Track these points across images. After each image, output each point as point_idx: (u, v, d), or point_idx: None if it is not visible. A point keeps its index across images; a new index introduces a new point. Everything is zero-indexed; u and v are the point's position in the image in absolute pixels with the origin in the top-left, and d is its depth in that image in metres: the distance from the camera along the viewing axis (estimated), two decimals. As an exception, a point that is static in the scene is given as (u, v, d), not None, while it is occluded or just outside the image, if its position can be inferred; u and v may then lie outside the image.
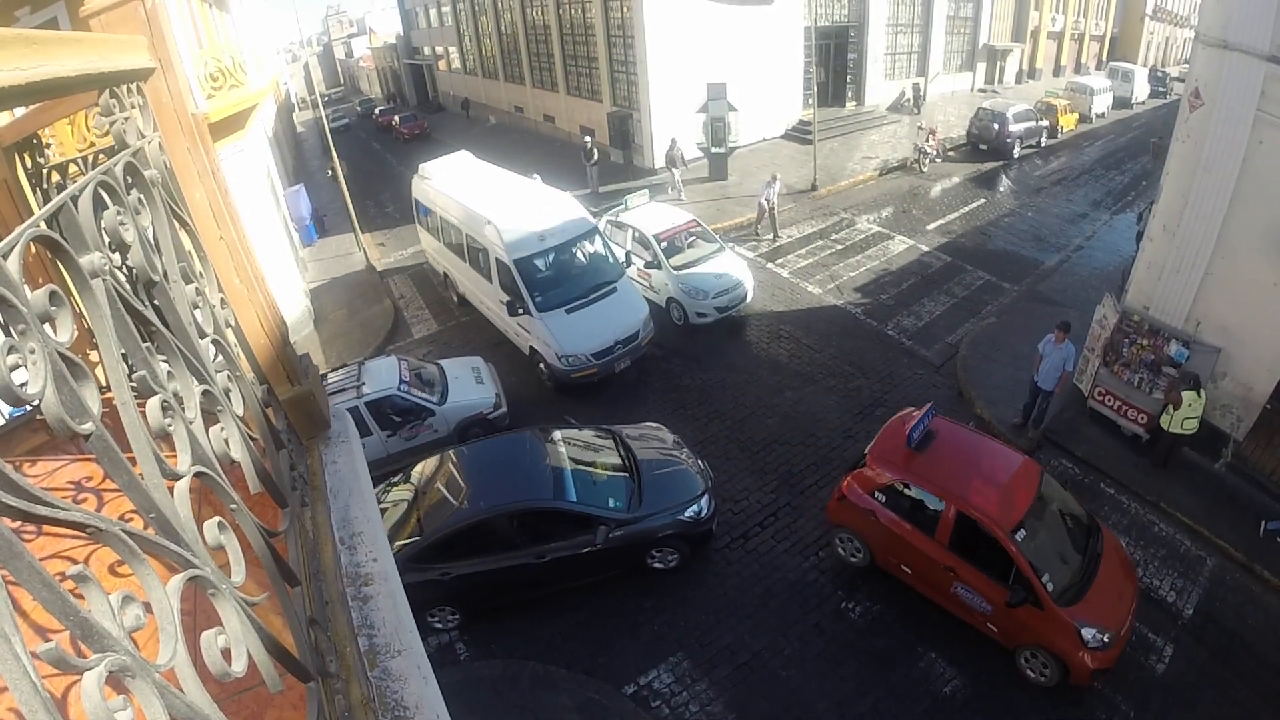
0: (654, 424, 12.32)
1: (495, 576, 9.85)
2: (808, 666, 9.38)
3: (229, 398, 2.30)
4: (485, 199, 16.72)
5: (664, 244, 17.54)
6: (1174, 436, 11.46)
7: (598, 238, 16.45)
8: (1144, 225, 15.35)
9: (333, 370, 14.58)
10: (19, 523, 1.11)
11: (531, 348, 15.34)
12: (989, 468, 9.66)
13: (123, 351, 1.65)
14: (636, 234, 18.08)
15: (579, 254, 16.07)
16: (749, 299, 17.56)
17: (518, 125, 41.71)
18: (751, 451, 12.99)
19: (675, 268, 17.16)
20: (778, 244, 21.94)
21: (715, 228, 22.79)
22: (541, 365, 15.17)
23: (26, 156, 3.36)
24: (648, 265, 17.70)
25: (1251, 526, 10.80)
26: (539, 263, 15.28)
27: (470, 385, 14.12)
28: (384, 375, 13.51)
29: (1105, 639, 8.31)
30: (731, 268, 17.38)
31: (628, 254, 17.33)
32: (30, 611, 2.03)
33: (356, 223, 23.44)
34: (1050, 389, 12.39)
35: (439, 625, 10.14)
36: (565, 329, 14.42)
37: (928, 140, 27.88)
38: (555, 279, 15.32)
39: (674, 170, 25.34)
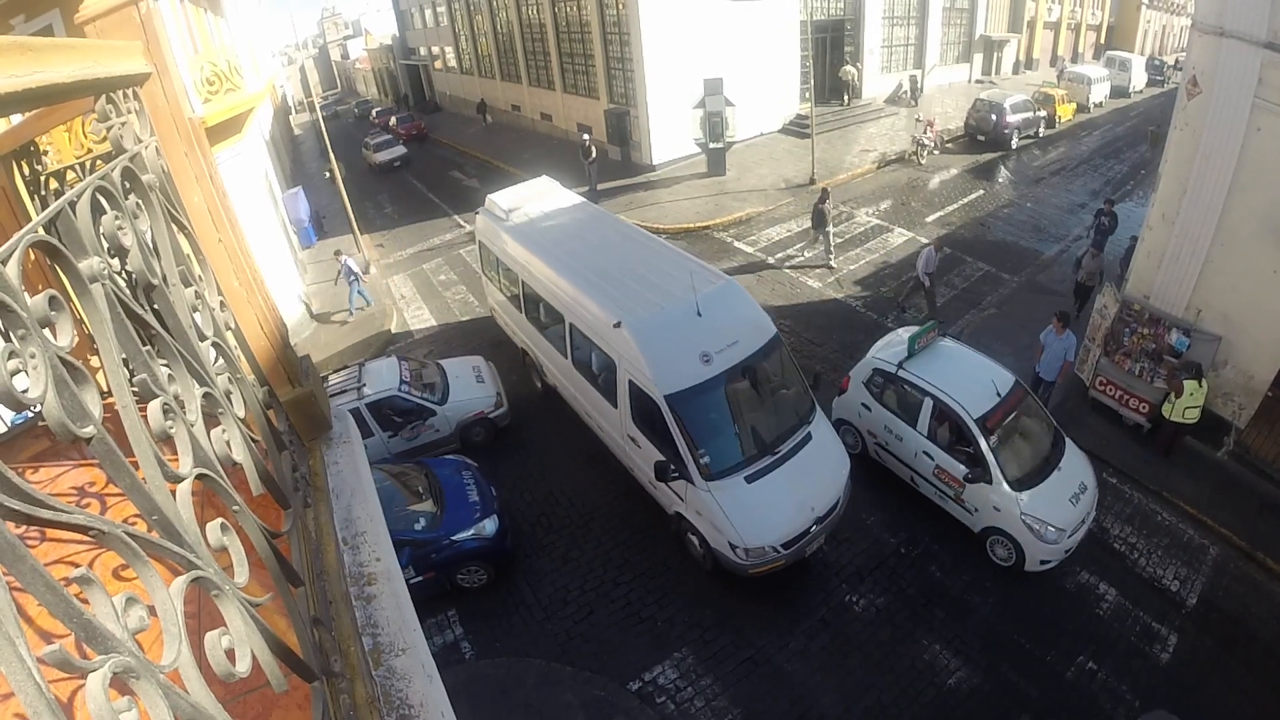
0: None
1: None
2: (812, 660, 9.39)
3: (230, 400, 2.31)
4: (601, 273, 11.85)
5: (993, 437, 10.25)
6: (1176, 425, 11.46)
7: (781, 351, 11.16)
8: (1084, 257, 15.92)
9: (334, 372, 14.59)
10: (23, 528, 1.12)
11: (676, 512, 10.56)
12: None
13: (123, 355, 1.66)
14: (939, 406, 10.74)
15: (760, 381, 10.87)
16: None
17: (515, 124, 41.68)
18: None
19: (1014, 482, 10.03)
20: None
21: (714, 223, 22.85)
22: (692, 537, 10.49)
23: (24, 164, 3.36)
24: (967, 478, 10.28)
25: (1254, 515, 10.80)
26: (704, 399, 10.04)
27: (471, 384, 14.05)
28: (385, 376, 13.52)
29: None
30: (1079, 470, 10.55)
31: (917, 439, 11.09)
32: (36, 617, 2.05)
33: (355, 224, 23.41)
34: (1052, 379, 12.40)
35: None
36: (746, 508, 9.53)
37: (925, 132, 27.84)
38: (726, 423, 10.33)
39: (823, 232, 19.75)
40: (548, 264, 12.72)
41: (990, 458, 10.02)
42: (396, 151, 39.09)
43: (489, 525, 10.71)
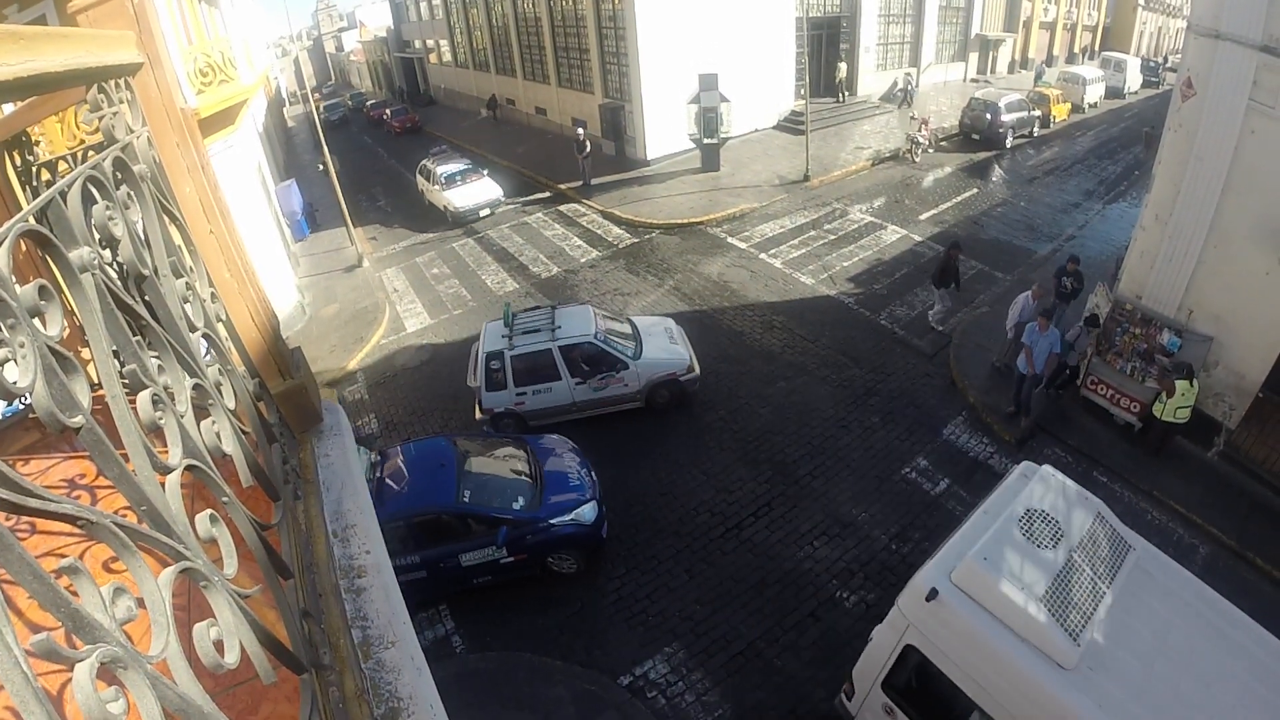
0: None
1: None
2: (803, 655, 9.42)
3: (220, 391, 2.30)
4: None
5: None
6: (1166, 425, 11.51)
7: None
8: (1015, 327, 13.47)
9: (525, 310, 14.38)
10: (13, 519, 1.12)
11: None
12: None
13: (113, 346, 1.66)
14: None
15: None
16: None
17: (509, 118, 41.61)
18: (745, 442, 13.01)
19: None
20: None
21: (708, 218, 22.86)
22: None
23: (15, 154, 3.35)
24: None
25: (1243, 515, 10.86)
26: None
27: (665, 344, 13.80)
28: (580, 321, 13.46)
29: None
30: None
31: None
32: (25, 610, 2.04)
33: (349, 217, 23.37)
34: (1040, 370, 12.41)
35: None
36: None
37: (920, 130, 27.88)
38: None
39: (947, 291, 15.98)
40: None
41: None
42: (486, 192, 26.63)
43: (588, 511, 10.52)
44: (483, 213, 26.42)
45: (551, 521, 10.27)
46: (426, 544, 10.02)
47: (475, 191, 26.49)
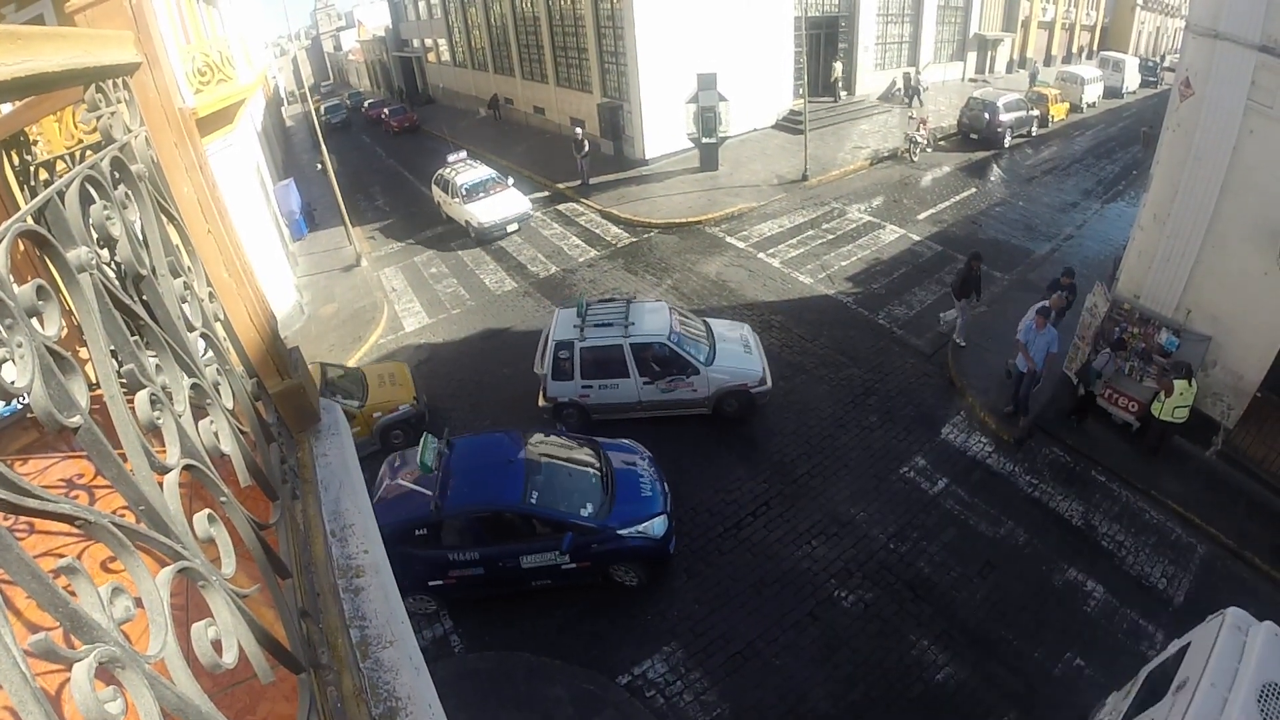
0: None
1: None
2: (801, 654, 9.43)
3: (218, 391, 2.30)
4: None
5: None
6: (1165, 424, 11.51)
7: None
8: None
9: (600, 300, 14.26)
10: (11, 520, 1.12)
11: None
12: None
13: (111, 346, 1.66)
14: None
15: None
16: None
17: (507, 117, 41.59)
18: (743, 441, 13.01)
19: None
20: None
21: (706, 218, 22.85)
22: None
23: (13, 154, 3.34)
24: None
25: (1241, 515, 10.87)
26: None
27: (738, 353, 13.43)
28: (655, 320, 13.19)
29: None
30: None
31: None
32: (24, 610, 2.04)
33: (347, 216, 23.36)
34: (1039, 368, 12.40)
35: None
36: None
37: (918, 130, 27.88)
38: None
39: (968, 303, 15.29)
40: None
41: None
42: (513, 205, 24.24)
43: (657, 526, 10.14)
44: (510, 228, 24.03)
45: (619, 532, 9.92)
46: (487, 541, 9.82)
47: (501, 205, 24.08)
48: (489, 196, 24.22)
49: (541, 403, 13.35)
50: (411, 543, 9.73)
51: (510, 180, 25.95)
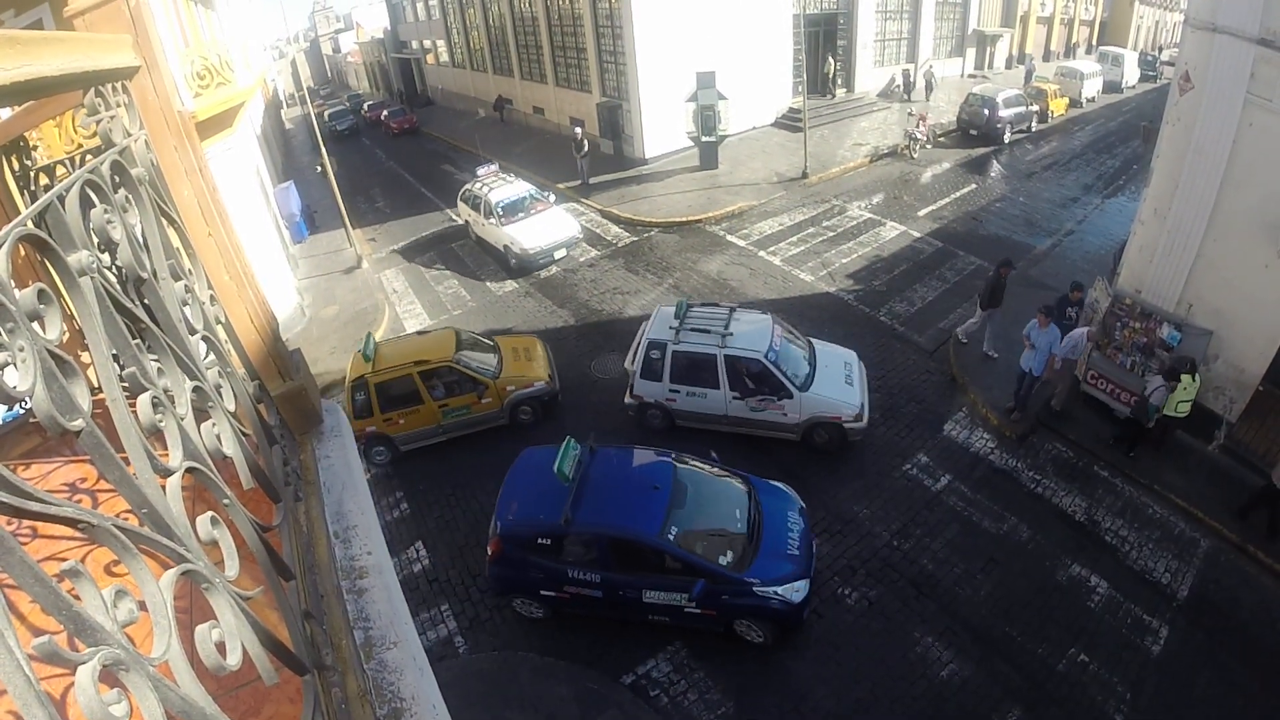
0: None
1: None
2: (804, 652, 9.43)
3: (220, 393, 2.31)
4: None
5: None
6: (1167, 419, 11.50)
7: None
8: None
9: (703, 304, 13.87)
10: (14, 523, 1.12)
11: None
12: None
13: (113, 350, 1.66)
14: None
15: None
16: None
17: (507, 117, 41.58)
18: (747, 441, 12.99)
19: None
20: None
21: (706, 216, 22.83)
22: None
23: (13, 159, 3.35)
24: None
25: (1244, 508, 10.85)
26: None
27: (839, 382, 12.54)
28: (756, 334, 12.47)
29: None
30: None
31: None
32: (28, 613, 2.04)
33: (347, 219, 23.36)
34: (1039, 374, 12.42)
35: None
36: None
37: (918, 126, 27.84)
38: None
39: (993, 313, 14.66)
40: None
41: None
42: (561, 228, 20.95)
43: (799, 590, 9.16)
44: (558, 254, 20.77)
45: (756, 589, 9.03)
46: (612, 566, 9.26)
47: (547, 227, 20.67)
48: (529, 217, 21.06)
49: (628, 399, 13.23)
50: (533, 549, 9.47)
51: (551, 197, 23.34)
